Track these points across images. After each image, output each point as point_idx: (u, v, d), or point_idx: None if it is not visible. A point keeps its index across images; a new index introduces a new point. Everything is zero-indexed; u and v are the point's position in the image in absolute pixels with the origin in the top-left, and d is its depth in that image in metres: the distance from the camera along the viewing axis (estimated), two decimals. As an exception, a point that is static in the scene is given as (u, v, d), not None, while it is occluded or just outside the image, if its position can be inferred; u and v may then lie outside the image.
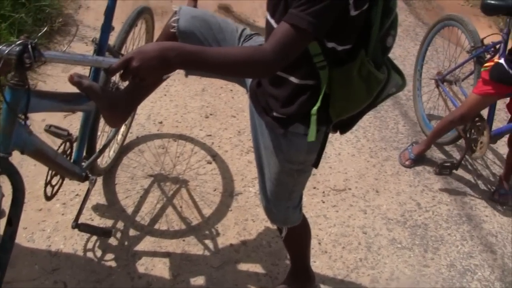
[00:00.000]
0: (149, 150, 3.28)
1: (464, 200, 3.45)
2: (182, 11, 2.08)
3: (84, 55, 1.79)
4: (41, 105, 1.96)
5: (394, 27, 1.83)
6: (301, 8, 1.56)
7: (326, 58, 1.72)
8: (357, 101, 1.83)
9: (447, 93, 3.96)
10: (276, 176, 2.05)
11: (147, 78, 1.50)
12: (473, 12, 6.84)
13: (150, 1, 4.95)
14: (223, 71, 1.70)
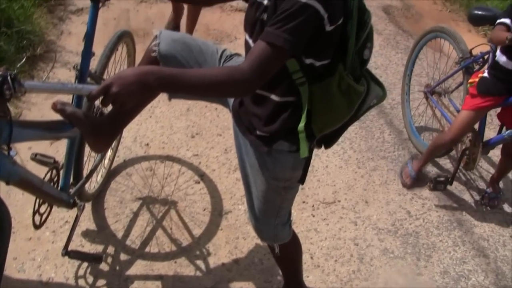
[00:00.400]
0: (137, 173, 3.27)
1: (454, 205, 3.46)
2: (163, 35, 2.10)
3: (64, 83, 1.80)
4: (24, 135, 1.96)
5: (370, 40, 1.86)
6: (276, 26, 1.59)
7: (305, 74, 1.74)
8: (338, 115, 1.85)
9: (437, 105, 3.95)
10: (264, 194, 2.05)
11: (128, 103, 1.50)
12: (452, 18, 6.91)
13: (132, 23, 4.96)
14: (203, 92, 1.71)
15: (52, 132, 2.14)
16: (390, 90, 4.66)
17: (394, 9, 6.75)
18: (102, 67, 2.71)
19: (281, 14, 1.59)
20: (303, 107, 1.78)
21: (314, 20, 1.60)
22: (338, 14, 1.67)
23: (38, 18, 4.53)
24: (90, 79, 2.51)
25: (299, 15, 1.57)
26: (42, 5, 4.78)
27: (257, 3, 1.78)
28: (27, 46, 4.11)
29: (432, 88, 4.07)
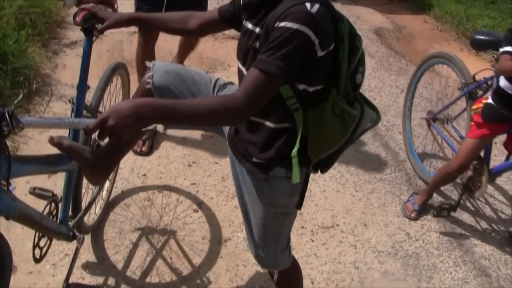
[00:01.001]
0: (135, 203, 3.27)
1: (453, 226, 3.47)
2: (156, 67, 2.12)
3: (60, 118, 1.81)
4: (23, 170, 1.96)
5: (362, 64, 1.89)
6: (268, 53, 1.61)
7: (298, 100, 1.76)
8: (333, 139, 1.87)
9: (440, 132, 3.89)
10: (262, 221, 2.05)
11: (124, 136, 1.51)
12: (443, 37, 6.99)
13: (125, 54, 5.00)
14: (198, 122, 1.72)
15: (50, 166, 2.14)
16: (385, 112, 4.69)
17: (385, 31, 6.82)
18: (98, 100, 2.72)
19: (273, 41, 1.61)
20: (297, 133, 1.80)
21: (305, 46, 1.62)
22: (329, 40, 1.70)
23: (33, 53, 4.56)
24: (86, 112, 2.53)
25: (290, 41, 1.60)
26: (36, 39, 4.81)
27: (249, 32, 1.81)
28: (22, 81, 4.14)
29: (435, 114, 4.01)
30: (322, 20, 1.64)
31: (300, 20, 1.60)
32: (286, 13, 1.62)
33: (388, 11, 7.75)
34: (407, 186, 3.78)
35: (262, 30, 1.71)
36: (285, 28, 1.60)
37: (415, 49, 6.58)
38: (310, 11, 1.62)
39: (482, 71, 3.54)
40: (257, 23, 1.77)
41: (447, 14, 7.50)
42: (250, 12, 1.83)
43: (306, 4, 1.63)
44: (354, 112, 1.85)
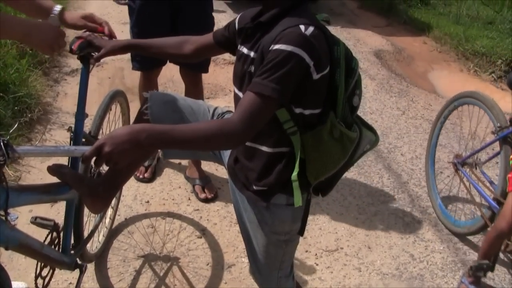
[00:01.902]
0: (138, 230, 3.27)
1: (457, 246, 3.45)
2: (153, 97, 2.14)
3: (56, 146, 1.83)
4: (22, 199, 1.96)
5: (359, 86, 1.91)
6: (263, 76, 1.63)
7: (295, 123, 1.77)
8: (332, 162, 1.87)
9: (469, 178, 3.56)
10: (265, 249, 2.05)
11: (121, 162, 1.52)
12: (443, 58, 7.03)
13: (126, 81, 5.02)
14: (195, 146, 1.73)
15: (49, 195, 2.14)
16: (387, 134, 4.70)
17: (385, 53, 6.86)
18: (97, 128, 2.73)
19: (268, 64, 1.63)
20: (296, 157, 1.80)
21: (300, 68, 1.64)
22: (324, 63, 1.71)
23: (34, 81, 4.59)
24: (85, 140, 2.53)
25: (285, 64, 1.61)
26: (37, 68, 4.85)
27: (244, 56, 1.83)
28: (23, 109, 4.15)
29: (464, 159, 3.66)
30: (316, 43, 1.66)
31: (294, 42, 1.62)
32: (280, 35, 1.65)
33: (388, 33, 7.81)
34: (410, 208, 3.77)
35: (257, 54, 1.73)
36: (280, 50, 1.62)
37: (415, 71, 6.62)
38: (304, 33, 1.64)
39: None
40: (252, 47, 1.79)
41: (446, 35, 7.56)
42: (245, 36, 1.85)
43: (300, 26, 1.65)
44: (353, 134, 1.86)
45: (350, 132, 1.85)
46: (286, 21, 1.70)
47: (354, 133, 1.87)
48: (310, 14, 1.77)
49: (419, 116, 5.19)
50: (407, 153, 4.48)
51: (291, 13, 1.73)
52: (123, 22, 6.66)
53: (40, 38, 1.98)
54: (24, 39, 1.95)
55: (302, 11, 1.75)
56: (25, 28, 1.94)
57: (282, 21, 1.71)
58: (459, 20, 8.30)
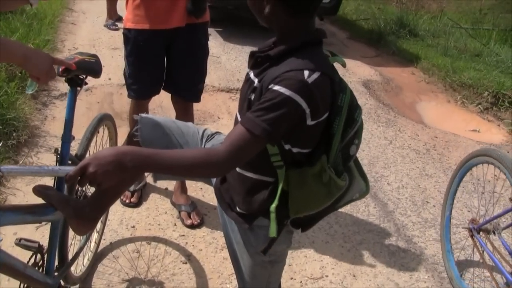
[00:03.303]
0: (123, 255, 3.25)
1: (442, 275, 3.46)
2: (143, 120, 2.15)
3: (40, 166, 1.82)
4: (4, 219, 1.94)
5: (359, 137, 1.90)
6: (257, 113, 1.63)
7: (283, 158, 1.78)
8: (314, 203, 1.87)
9: (484, 246, 3.24)
10: (251, 270, 2.06)
11: (104, 183, 1.52)
12: (431, 89, 7.11)
13: (115, 106, 5.04)
14: (178, 173, 1.76)
15: (34, 215, 2.13)
16: (373, 163, 4.72)
17: (374, 83, 6.92)
18: (83, 150, 2.73)
19: (264, 103, 1.64)
20: (278, 190, 1.81)
21: (295, 113, 1.65)
22: (322, 110, 1.72)
23: (22, 104, 4.59)
24: (71, 163, 2.53)
25: (281, 107, 1.62)
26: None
27: (250, 80, 1.83)
28: (11, 132, 4.15)
29: (480, 225, 3.31)
30: (317, 91, 1.65)
31: (294, 88, 1.62)
32: (282, 76, 1.64)
33: (376, 63, 7.88)
34: (395, 236, 3.78)
35: (259, 85, 1.74)
36: (278, 92, 1.62)
37: (403, 101, 6.67)
38: (306, 80, 1.63)
39: None
40: (258, 74, 1.79)
41: (434, 66, 7.64)
42: (255, 62, 1.84)
43: (304, 72, 1.64)
44: (342, 183, 1.85)
45: (339, 180, 1.84)
46: (293, 60, 1.69)
47: (343, 181, 1.86)
48: (320, 57, 1.76)
49: (406, 146, 5.22)
50: (393, 182, 4.50)
51: (301, 52, 1.71)
52: (113, 48, 6.72)
53: (38, 63, 1.99)
54: (25, 62, 1.97)
55: (313, 51, 1.75)
56: (26, 52, 1.96)
57: (290, 60, 1.70)
58: (447, 52, 8.39)
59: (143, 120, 2.14)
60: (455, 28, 10.08)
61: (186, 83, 3.51)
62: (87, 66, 2.42)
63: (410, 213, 4.09)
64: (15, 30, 5.90)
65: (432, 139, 5.50)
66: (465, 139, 5.64)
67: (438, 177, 4.71)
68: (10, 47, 1.95)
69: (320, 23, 9.26)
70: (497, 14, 10.37)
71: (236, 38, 7.60)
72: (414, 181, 4.56)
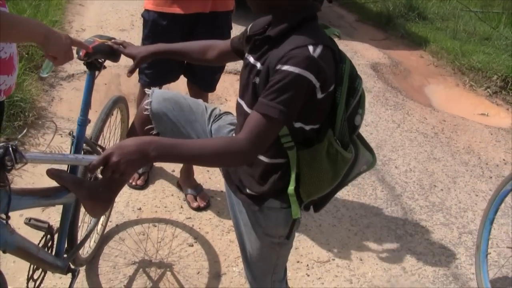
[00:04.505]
0: (130, 237, 3.25)
1: (449, 259, 3.45)
2: (155, 94, 2.17)
3: (64, 154, 1.83)
4: (22, 203, 1.95)
5: (362, 106, 1.90)
6: (270, 96, 1.63)
7: (293, 138, 1.78)
8: (324, 182, 1.87)
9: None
10: (259, 251, 2.06)
11: (127, 173, 1.54)
12: (439, 72, 7.05)
13: (122, 88, 5.02)
14: (200, 163, 1.76)
15: (49, 199, 2.14)
16: (381, 146, 4.70)
17: (382, 66, 6.88)
18: (97, 133, 2.73)
19: (275, 85, 1.63)
20: (292, 171, 1.81)
21: (307, 89, 1.64)
22: (329, 82, 1.71)
23: (29, 86, 4.57)
24: (85, 145, 2.53)
25: (292, 86, 1.61)
26: (33, 72, 4.84)
27: (250, 65, 1.83)
28: (17, 113, 4.14)
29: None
30: (324, 64, 1.66)
31: (302, 65, 1.62)
32: (288, 55, 1.64)
33: (385, 46, 7.82)
34: (402, 220, 3.77)
35: (263, 68, 1.73)
36: (287, 72, 1.61)
37: (411, 84, 6.63)
38: (312, 55, 1.63)
39: None
40: (259, 58, 1.79)
41: (443, 50, 7.58)
42: (253, 45, 1.84)
43: (309, 47, 1.64)
44: (348, 155, 1.86)
45: (346, 152, 1.85)
46: (295, 38, 1.69)
47: (349, 153, 1.86)
48: (319, 31, 1.76)
49: (414, 130, 5.19)
50: (401, 165, 4.48)
51: (300, 29, 1.72)
52: (121, 29, 6.69)
53: (58, 43, 1.98)
54: (45, 42, 1.95)
55: (311, 26, 1.75)
56: (46, 31, 1.94)
57: (291, 38, 1.70)
58: (456, 35, 8.33)
59: (155, 94, 2.18)
60: (465, 11, 10.00)
61: (204, 73, 3.43)
62: (107, 50, 2.40)
63: (418, 196, 4.07)
64: (23, 11, 5.86)
65: (440, 123, 5.47)
66: (473, 123, 5.61)
67: (446, 160, 4.69)
68: (31, 25, 1.93)
69: (328, 5, 9.21)
70: (507, -3, 10.27)
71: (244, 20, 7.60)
72: (422, 165, 4.54)
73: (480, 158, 4.84)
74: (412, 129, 5.20)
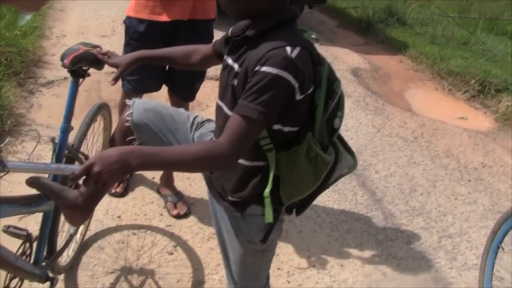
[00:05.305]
0: (109, 245, 3.22)
1: (429, 264, 3.46)
2: (135, 104, 2.17)
3: (46, 163, 1.82)
4: (2, 212, 1.93)
5: (341, 109, 1.91)
6: (250, 98, 1.64)
7: (272, 141, 1.78)
8: (305, 184, 1.87)
9: None
10: (241, 258, 2.06)
11: (109, 182, 1.53)
12: (419, 77, 7.11)
13: (103, 95, 4.99)
14: (183, 169, 1.76)
15: (29, 206, 2.12)
16: (361, 151, 4.71)
17: (362, 71, 6.91)
18: (80, 140, 2.71)
19: (254, 87, 1.63)
20: (270, 173, 1.81)
21: (286, 90, 1.65)
22: (308, 83, 1.72)
23: (7, 92, 4.52)
24: (67, 152, 2.51)
25: (271, 87, 1.62)
26: (12, 78, 4.79)
27: (229, 67, 1.83)
28: (-4, 120, 4.10)
29: None
30: (302, 64, 1.66)
31: (280, 65, 1.62)
32: (266, 56, 1.64)
33: (365, 51, 7.87)
34: (383, 225, 3.78)
35: (241, 69, 1.73)
36: (265, 73, 1.62)
37: (391, 89, 6.67)
38: (290, 55, 1.64)
39: None
40: (237, 59, 1.79)
41: (422, 54, 7.65)
42: (231, 47, 1.85)
43: (286, 48, 1.65)
44: (328, 157, 1.86)
45: (325, 154, 1.85)
46: (273, 40, 1.70)
47: (329, 156, 1.87)
48: (297, 33, 1.77)
49: (394, 134, 5.22)
50: (381, 170, 4.50)
51: (278, 30, 1.73)
52: (102, 35, 6.66)
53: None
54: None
55: (289, 29, 1.76)
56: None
57: (269, 39, 1.70)
58: (434, 40, 8.42)
59: (135, 105, 2.17)
60: (443, 16, 10.12)
61: (184, 82, 3.40)
62: (91, 57, 2.39)
63: (398, 201, 4.09)
64: (2, 16, 5.83)
65: (420, 127, 5.50)
66: (452, 127, 5.65)
67: (426, 164, 4.71)
68: None
69: (309, 11, 9.25)
70: (484, 3, 10.44)
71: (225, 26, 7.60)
72: (402, 169, 4.56)
73: (459, 162, 4.87)
74: (392, 134, 5.22)
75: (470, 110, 6.37)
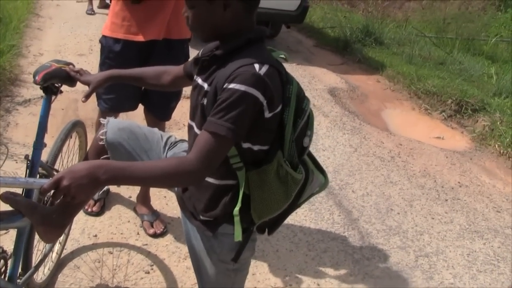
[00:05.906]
0: (85, 264, 3.20)
1: (406, 283, 3.48)
2: (110, 124, 2.18)
3: (15, 177, 1.80)
4: (-25, 227, 1.92)
5: (310, 128, 1.93)
6: (218, 115, 1.65)
7: (242, 159, 1.80)
8: (275, 203, 1.88)
9: None
10: (214, 278, 2.06)
11: (78, 197, 1.53)
12: (396, 97, 7.16)
13: (80, 113, 4.98)
14: (152, 184, 1.77)
15: (2, 223, 2.10)
16: (338, 171, 4.73)
17: (340, 91, 6.96)
18: (54, 156, 2.70)
19: (222, 103, 1.65)
20: (240, 191, 1.82)
21: (254, 107, 1.67)
22: (276, 102, 1.74)
23: (-17, 111, 4.51)
24: (41, 169, 2.50)
25: (239, 103, 1.64)
26: (-12, 97, 4.78)
27: (199, 87, 1.86)
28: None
29: None
30: (270, 82, 1.69)
31: (249, 82, 1.65)
32: (234, 74, 1.67)
33: (343, 71, 7.93)
34: (360, 244, 3.79)
35: (211, 88, 1.75)
36: (234, 90, 1.64)
37: (368, 109, 6.71)
38: (258, 72, 1.66)
39: None
40: (206, 78, 1.82)
41: (399, 74, 7.72)
42: (201, 67, 1.87)
43: (255, 65, 1.68)
44: (298, 176, 1.88)
45: (295, 173, 1.87)
46: (241, 58, 1.72)
47: (299, 174, 1.88)
48: (265, 51, 1.80)
49: (371, 154, 5.25)
50: (358, 190, 4.52)
51: (247, 49, 1.76)
52: (79, 54, 6.66)
53: None
54: None
55: (257, 48, 1.79)
56: None
57: (237, 58, 1.73)
58: (411, 60, 8.50)
59: (109, 124, 2.17)
60: (420, 36, 10.23)
61: (160, 101, 3.41)
62: (64, 74, 2.40)
63: (375, 220, 4.10)
64: (-22, 35, 5.82)
65: (396, 147, 5.54)
66: (429, 146, 5.70)
67: (403, 184, 4.74)
68: None
69: (286, 30, 9.32)
70: (460, 23, 10.56)
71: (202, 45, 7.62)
72: (378, 189, 4.59)
73: (436, 181, 4.91)
74: (369, 153, 5.25)
75: (447, 129, 6.44)
